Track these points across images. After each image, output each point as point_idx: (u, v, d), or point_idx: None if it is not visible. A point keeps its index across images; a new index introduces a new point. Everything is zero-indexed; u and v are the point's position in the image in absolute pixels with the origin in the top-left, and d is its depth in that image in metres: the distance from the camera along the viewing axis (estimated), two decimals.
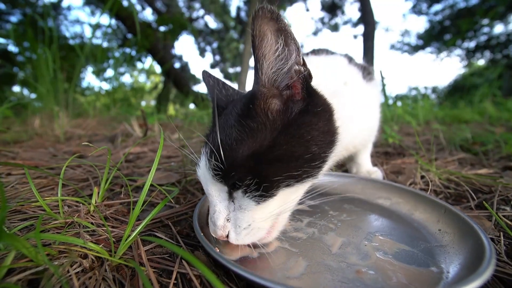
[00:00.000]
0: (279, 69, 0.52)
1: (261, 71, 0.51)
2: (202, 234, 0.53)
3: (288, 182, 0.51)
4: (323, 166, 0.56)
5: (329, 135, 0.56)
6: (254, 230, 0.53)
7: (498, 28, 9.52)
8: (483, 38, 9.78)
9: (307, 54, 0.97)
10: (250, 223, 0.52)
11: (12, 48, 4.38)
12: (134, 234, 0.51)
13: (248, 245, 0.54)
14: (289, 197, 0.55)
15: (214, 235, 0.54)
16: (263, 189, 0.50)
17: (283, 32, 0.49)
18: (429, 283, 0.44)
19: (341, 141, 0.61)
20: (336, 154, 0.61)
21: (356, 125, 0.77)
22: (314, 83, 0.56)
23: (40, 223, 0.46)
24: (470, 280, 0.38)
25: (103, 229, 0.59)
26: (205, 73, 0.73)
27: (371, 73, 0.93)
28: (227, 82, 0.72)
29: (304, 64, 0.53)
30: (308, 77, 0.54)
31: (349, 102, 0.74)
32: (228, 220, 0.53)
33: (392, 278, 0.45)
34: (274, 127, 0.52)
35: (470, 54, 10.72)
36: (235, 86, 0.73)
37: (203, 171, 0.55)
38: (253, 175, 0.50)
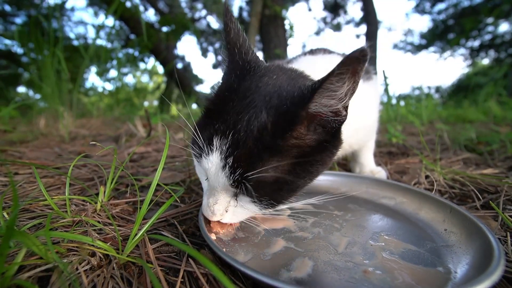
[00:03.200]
0: (330, 103, 0.48)
1: (320, 94, 0.47)
2: (208, 233, 0.53)
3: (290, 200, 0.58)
4: None
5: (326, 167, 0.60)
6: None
7: (503, 27, 9.44)
8: (487, 37, 9.68)
9: (305, 54, 0.96)
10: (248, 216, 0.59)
11: (17, 49, 4.44)
12: (141, 232, 0.52)
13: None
14: None
15: (208, 218, 0.56)
16: (271, 205, 0.55)
17: (359, 76, 0.44)
18: (437, 283, 0.44)
19: None
20: None
21: (352, 125, 0.77)
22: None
23: (49, 221, 0.46)
24: (480, 281, 0.37)
25: (110, 228, 0.59)
26: (229, 16, 0.56)
27: (369, 72, 0.93)
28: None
29: (346, 109, 0.51)
30: (343, 121, 0.53)
31: None
32: (226, 211, 0.56)
33: (399, 278, 0.45)
34: (300, 153, 0.51)
35: (474, 53, 10.61)
36: None
37: (214, 169, 0.51)
38: (269, 197, 0.53)
